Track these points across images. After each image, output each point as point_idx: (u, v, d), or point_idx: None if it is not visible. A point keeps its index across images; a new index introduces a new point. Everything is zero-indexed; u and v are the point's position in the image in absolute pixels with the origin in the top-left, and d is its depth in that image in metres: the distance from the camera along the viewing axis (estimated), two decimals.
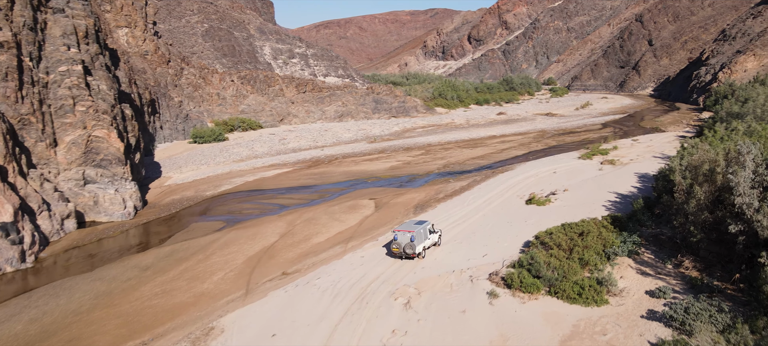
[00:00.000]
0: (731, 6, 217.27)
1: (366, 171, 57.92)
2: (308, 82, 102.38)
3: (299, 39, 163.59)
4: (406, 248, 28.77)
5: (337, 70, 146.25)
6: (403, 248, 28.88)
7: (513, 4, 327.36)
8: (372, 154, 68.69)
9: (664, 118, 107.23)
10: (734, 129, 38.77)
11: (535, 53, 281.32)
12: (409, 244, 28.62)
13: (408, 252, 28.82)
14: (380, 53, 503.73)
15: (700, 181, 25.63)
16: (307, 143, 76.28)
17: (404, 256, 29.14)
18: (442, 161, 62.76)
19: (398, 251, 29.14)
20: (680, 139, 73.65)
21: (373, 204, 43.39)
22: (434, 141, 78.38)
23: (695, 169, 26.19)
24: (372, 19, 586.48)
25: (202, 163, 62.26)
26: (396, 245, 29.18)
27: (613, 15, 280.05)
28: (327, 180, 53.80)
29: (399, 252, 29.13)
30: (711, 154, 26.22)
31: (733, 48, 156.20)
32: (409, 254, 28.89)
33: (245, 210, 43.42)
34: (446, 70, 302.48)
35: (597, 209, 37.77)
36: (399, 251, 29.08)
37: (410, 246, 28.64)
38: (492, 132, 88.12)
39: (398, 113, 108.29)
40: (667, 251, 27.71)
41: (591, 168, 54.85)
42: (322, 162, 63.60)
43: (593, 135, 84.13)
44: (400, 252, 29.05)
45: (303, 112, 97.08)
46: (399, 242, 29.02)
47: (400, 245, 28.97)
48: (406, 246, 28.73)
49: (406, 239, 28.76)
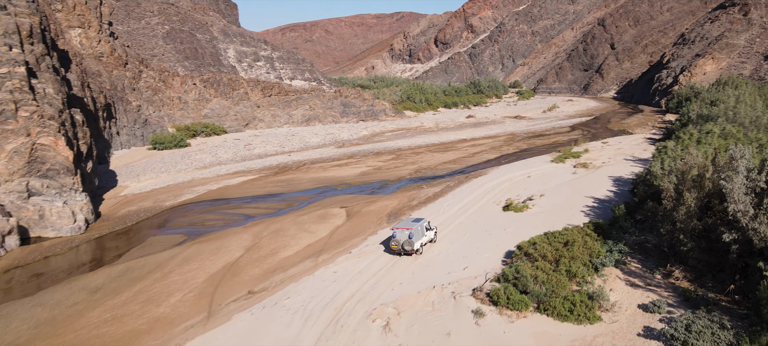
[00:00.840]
0: (688, 11, 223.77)
1: (335, 177, 55.73)
2: (274, 86, 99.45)
3: (264, 42, 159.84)
4: (404, 244, 29.81)
5: (303, 74, 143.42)
6: (402, 245, 29.91)
7: (478, 8, 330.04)
8: (341, 159, 66.52)
9: (629, 121, 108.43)
10: (709, 131, 38.36)
11: (501, 56, 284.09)
12: (408, 241, 29.71)
13: (407, 249, 29.87)
14: (347, 56, 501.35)
15: (688, 186, 24.54)
16: (273, 149, 73.48)
17: (403, 252, 30.17)
18: (413, 166, 61.12)
19: (397, 248, 30.16)
20: (648, 142, 74.17)
21: (344, 213, 41.28)
22: (404, 145, 76.76)
23: (682, 174, 25.09)
24: (338, 22, 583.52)
25: (162, 171, 58.86)
26: (395, 242, 30.16)
27: (576, 19, 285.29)
28: (295, 187, 51.35)
29: (398, 249, 30.15)
30: (699, 158, 25.21)
31: (692, 52, 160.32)
32: (408, 251, 29.93)
33: (208, 221, 40.65)
34: (413, 73, 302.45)
35: (576, 215, 36.71)
36: (398, 247, 30.08)
37: (409, 243, 29.72)
38: (462, 135, 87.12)
39: (367, 117, 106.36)
40: (654, 259, 26.61)
41: (565, 172, 54.12)
42: (290, 168, 61.06)
43: (563, 138, 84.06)
44: (399, 249, 30.09)
45: (269, 116, 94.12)
46: (398, 239, 30.03)
47: (398, 242, 29.98)
48: (405, 243, 29.78)
49: (404, 236, 29.86)
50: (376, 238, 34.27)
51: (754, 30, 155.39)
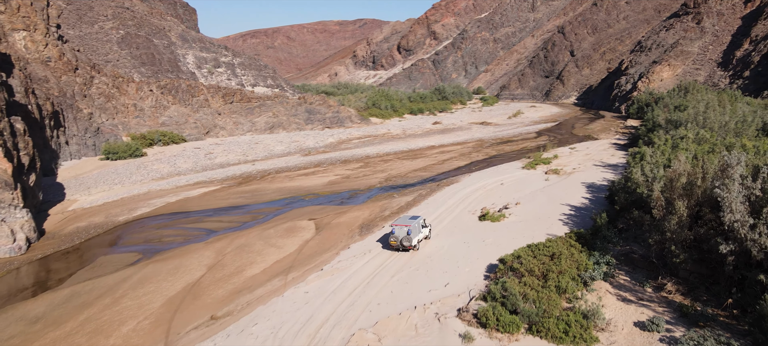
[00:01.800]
0: (643, 19, 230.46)
1: (302, 187, 53.33)
2: (236, 92, 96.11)
3: (225, 47, 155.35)
4: (403, 240, 30.93)
5: (266, 80, 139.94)
6: (400, 241, 31.04)
7: (441, 15, 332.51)
8: (308, 168, 64.11)
9: (593, 126, 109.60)
10: (684, 137, 37.99)
11: (464, 63, 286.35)
12: (406, 237, 30.84)
13: (405, 244, 30.97)
14: (309, 63, 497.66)
15: (678, 195, 23.49)
16: (236, 158, 70.38)
17: (401, 248, 31.35)
18: (382, 174, 59.30)
19: (396, 244, 31.27)
20: (614, 147, 74.57)
21: (313, 226, 39.02)
22: (372, 153, 74.89)
23: (671, 182, 24.04)
24: (300, 29, 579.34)
25: (116, 182, 55.18)
26: (393, 238, 31.31)
27: (536, 26, 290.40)
28: (260, 198, 48.68)
29: (396, 244, 31.27)
30: (687, 165, 24.24)
31: (649, 58, 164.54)
32: (406, 246, 31.07)
33: (166, 237, 37.66)
34: (377, 80, 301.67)
35: (554, 224, 35.57)
36: (396, 243, 31.22)
37: (407, 239, 30.83)
38: (430, 142, 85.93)
39: (332, 124, 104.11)
40: (642, 271, 25.48)
41: (537, 178, 53.29)
42: (254, 178, 58.24)
43: (530, 143, 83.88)
44: (398, 244, 31.20)
45: (231, 123, 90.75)
46: (396, 236, 31.22)
47: (397, 238, 31.15)
48: (404, 239, 30.90)
49: (403, 233, 31.02)
50: (348, 252, 32.18)
51: (707, 38, 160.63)
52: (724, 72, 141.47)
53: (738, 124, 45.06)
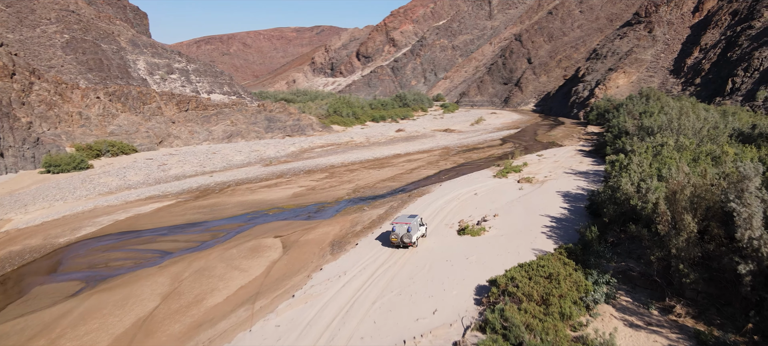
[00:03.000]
0: (596, 28, 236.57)
1: (265, 200, 49.85)
2: (191, 99, 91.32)
3: (179, 53, 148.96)
4: (403, 237, 32.32)
5: (222, 87, 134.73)
6: (401, 238, 32.42)
7: (399, 22, 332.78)
8: (270, 179, 60.56)
9: (554, 133, 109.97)
10: (664, 144, 36.94)
11: (423, 70, 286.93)
12: (407, 234, 32.22)
13: (405, 241, 32.38)
14: (266, 70, 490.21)
15: (683, 208, 21.75)
16: (192, 169, 65.99)
17: (402, 245, 32.74)
18: (350, 185, 56.47)
19: (396, 241, 32.66)
20: (581, 154, 74.19)
21: (279, 244, 35.81)
22: (337, 162, 71.92)
23: (674, 194, 22.31)
24: (256, 36, 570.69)
25: (57, 198, 50.21)
26: (394, 235, 32.66)
27: (493, 34, 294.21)
28: (220, 214, 44.96)
29: (397, 241, 32.66)
30: (690, 176, 22.58)
31: (605, 66, 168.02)
32: (406, 243, 32.45)
33: (114, 262, 33.64)
34: (336, 87, 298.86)
35: (538, 238, 33.65)
36: (397, 240, 32.61)
37: (407, 236, 32.22)
38: (396, 150, 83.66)
39: (293, 132, 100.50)
40: (644, 291, 23.64)
41: (510, 188, 51.65)
42: (213, 191, 54.29)
43: (497, 150, 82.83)
44: (399, 242, 32.61)
45: (186, 132, 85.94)
46: (397, 233, 32.56)
47: (398, 236, 32.51)
48: (404, 236, 32.29)
49: (403, 230, 32.42)
50: (321, 275, 29.18)
51: (659, 46, 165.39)
52: (677, 79, 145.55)
53: (711, 131, 44.61)
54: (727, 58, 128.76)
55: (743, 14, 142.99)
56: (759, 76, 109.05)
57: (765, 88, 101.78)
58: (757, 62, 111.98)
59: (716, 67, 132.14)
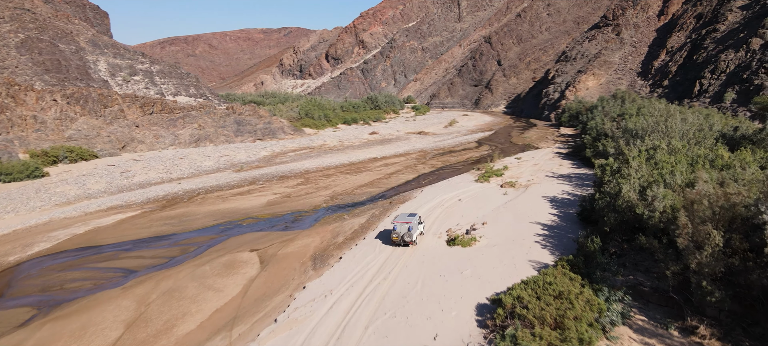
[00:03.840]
0: (564, 31, 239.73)
1: (238, 209, 46.84)
2: (156, 102, 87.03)
3: (142, 54, 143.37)
4: (404, 236, 32.97)
5: (188, 89, 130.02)
6: (402, 237, 33.03)
7: (369, 24, 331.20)
8: (242, 186, 57.44)
9: (528, 135, 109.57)
10: (657, 147, 35.80)
11: (393, 72, 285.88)
12: (408, 233, 32.91)
13: (406, 240, 33.03)
14: (233, 72, 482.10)
15: (704, 219, 20.14)
16: (158, 176, 62.16)
17: (402, 243, 33.33)
18: (327, 192, 53.90)
19: (397, 239, 33.24)
20: (559, 156, 73.36)
21: (256, 258, 33.06)
22: (311, 167, 69.18)
23: (692, 204, 20.69)
24: (223, 37, 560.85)
25: (8, 210, 46.01)
26: (395, 234, 33.24)
27: (463, 36, 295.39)
28: (189, 225, 41.77)
29: (398, 240, 33.24)
30: (709, 186, 21.04)
31: (574, 68, 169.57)
32: (407, 242, 33.11)
33: (71, 283, 30.29)
34: (305, 89, 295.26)
35: (533, 248, 31.87)
36: (398, 239, 33.20)
37: (408, 235, 32.92)
38: (371, 154, 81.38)
39: (264, 136, 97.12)
40: (658, 309, 21.96)
41: (494, 193, 50.00)
42: (181, 200, 50.87)
43: (474, 153, 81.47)
44: (399, 240, 33.22)
45: (151, 136, 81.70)
46: (398, 232, 33.20)
47: (399, 234, 33.12)
48: (405, 235, 32.95)
49: (404, 229, 33.18)
50: (305, 295, 26.62)
51: (626, 49, 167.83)
52: (644, 81, 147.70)
53: (696, 134, 43.86)
54: (694, 61, 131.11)
55: (707, 18, 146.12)
56: (726, 78, 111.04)
57: (732, 90, 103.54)
58: (724, 65, 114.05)
59: (683, 69, 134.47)
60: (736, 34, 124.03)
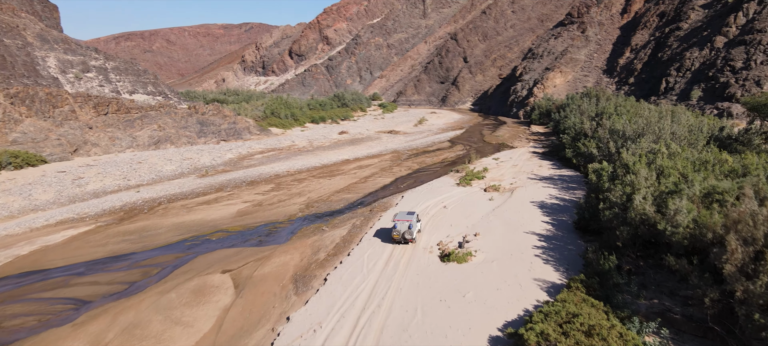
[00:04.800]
0: (528, 28, 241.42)
1: (206, 221, 42.77)
2: (111, 102, 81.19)
3: (95, 50, 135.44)
4: (405, 234, 33.67)
5: (146, 87, 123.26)
6: (402, 235, 33.70)
7: (333, 20, 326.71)
8: (208, 193, 53.18)
9: (500, 133, 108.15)
10: (657, 151, 33.88)
11: (358, 69, 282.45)
12: (408, 231, 33.63)
13: (407, 238, 33.81)
14: (193, 68, 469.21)
15: (744, 239, 17.83)
16: (115, 183, 57.06)
17: (403, 241, 34.09)
18: (301, 199, 50.32)
19: (398, 237, 33.84)
20: (537, 156, 71.71)
21: (229, 282, 29.38)
22: (282, 170, 65.28)
23: (735, 224, 18.38)
24: (181, 32, 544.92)
25: None
26: (396, 232, 33.79)
27: (428, 33, 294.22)
28: (151, 242, 37.54)
29: (399, 238, 33.87)
30: (752, 203, 18.80)
31: (541, 65, 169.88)
32: (408, 239, 33.92)
33: (10, 319, 25.75)
34: (268, 86, 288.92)
35: (535, 264, 29.36)
36: (399, 237, 33.80)
37: (409, 233, 33.64)
38: (343, 155, 77.95)
39: (229, 136, 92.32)
40: (695, 340, 19.59)
41: (479, 198, 47.54)
42: (141, 211, 46.28)
43: (449, 154, 79.09)
44: (400, 238, 33.87)
45: (106, 139, 75.99)
46: (398, 230, 33.79)
47: (399, 232, 33.72)
48: (406, 233, 33.65)
49: (405, 227, 33.97)
50: (291, 330, 23.18)
51: (592, 46, 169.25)
52: (610, 79, 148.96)
53: (689, 135, 42.39)
54: (659, 59, 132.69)
55: (670, 16, 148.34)
56: (691, 76, 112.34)
57: (698, 88, 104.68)
58: (689, 62, 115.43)
59: (648, 67, 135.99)
60: (700, 33, 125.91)
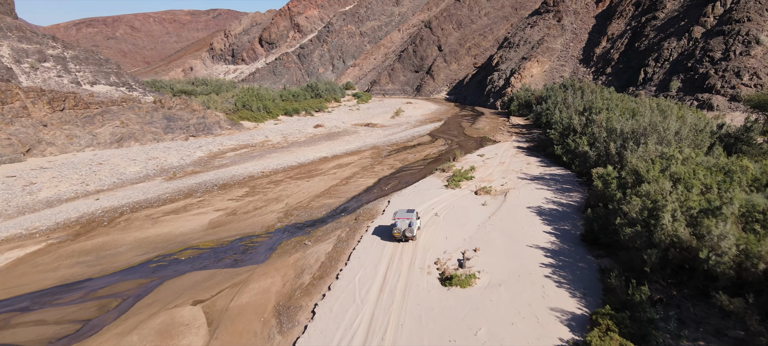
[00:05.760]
0: (502, 16, 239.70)
1: (173, 236, 38.43)
2: (68, 96, 75.11)
3: (53, 38, 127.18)
4: (406, 232, 33.65)
5: (108, 77, 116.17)
6: (403, 232, 33.70)
7: (304, 7, 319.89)
8: (176, 199, 48.63)
9: (480, 126, 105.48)
10: (671, 156, 31.17)
11: (331, 57, 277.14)
12: (409, 229, 33.64)
13: (408, 235, 33.74)
14: (159, 56, 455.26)
15: None
16: (72, 189, 51.80)
17: (403, 239, 34.08)
18: (278, 205, 46.32)
19: (399, 235, 33.83)
20: (523, 152, 69.04)
21: (202, 317, 25.42)
22: (256, 171, 60.97)
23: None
24: (146, 18, 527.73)
25: None
26: (396, 230, 33.77)
27: (402, 21, 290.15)
28: (110, 263, 33.10)
29: (399, 236, 33.85)
30: None
31: (518, 55, 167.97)
32: (408, 237, 33.86)
33: None
34: (238, 75, 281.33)
35: (547, 288, 26.34)
36: (399, 235, 33.78)
37: (409, 230, 33.61)
38: (320, 152, 73.90)
39: (198, 132, 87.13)
40: None
41: (471, 203, 44.42)
42: (100, 223, 41.53)
43: (431, 150, 75.87)
44: (401, 236, 33.84)
45: (63, 137, 70.16)
46: (399, 228, 33.77)
47: (400, 230, 33.73)
48: (406, 231, 33.66)
49: (405, 225, 33.89)
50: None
51: (568, 35, 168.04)
52: (587, 68, 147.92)
53: (696, 136, 39.94)
54: (636, 49, 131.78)
55: (646, 5, 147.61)
56: (669, 66, 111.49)
57: (677, 79, 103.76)
58: (667, 53, 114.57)
59: (625, 56, 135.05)
60: (677, 23, 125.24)
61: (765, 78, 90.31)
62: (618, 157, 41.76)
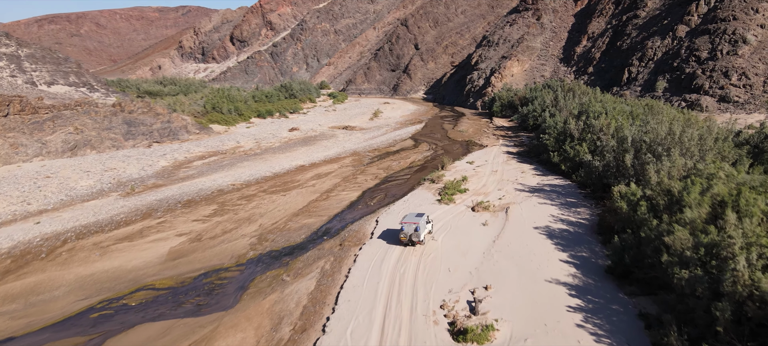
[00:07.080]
0: (479, 14, 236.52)
1: (124, 271, 32.33)
2: (13, 100, 67.52)
3: (6, 35, 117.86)
4: (412, 236, 33.04)
5: (67, 77, 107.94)
6: (409, 237, 33.06)
7: (277, 4, 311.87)
8: (132, 221, 42.37)
9: (463, 128, 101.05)
10: (713, 176, 26.76)
11: (305, 56, 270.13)
12: (415, 233, 32.99)
13: (414, 240, 33.07)
14: (126, 54, 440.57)
15: None
16: (9, 209, 44.79)
17: (410, 243, 33.36)
18: (251, 227, 40.54)
19: (405, 239, 33.23)
20: (515, 158, 64.58)
21: None
22: (226, 183, 54.92)
23: None
24: (111, 15, 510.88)
25: None
26: (403, 234, 33.23)
27: (377, 19, 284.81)
28: (41, 314, 26.86)
29: (406, 240, 33.26)
30: None
31: (498, 53, 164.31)
32: (415, 242, 33.15)
33: None
34: (208, 74, 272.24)
35: (584, 343, 21.40)
36: (406, 239, 33.20)
37: (416, 235, 32.98)
38: (296, 159, 68.09)
39: (162, 137, 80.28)
40: None
41: (470, 222, 39.45)
42: (36, 256, 35.08)
43: (416, 156, 70.83)
44: (407, 240, 33.24)
45: (6, 147, 62.78)
46: (406, 232, 33.19)
47: (406, 234, 33.13)
48: (413, 235, 33.01)
49: (411, 229, 33.15)
50: None
51: (547, 34, 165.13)
52: (568, 67, 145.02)
53: (721, 145, 35.72)
54: (618, 47, 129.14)
55: (626, 3, 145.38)
56: (654, 66, 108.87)
57: (663, 79, 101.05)
58: (651, 52, 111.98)
59: (607, 56, 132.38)
60: (660, 21, 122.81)
61: (754, 78, 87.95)
62: (633, 171, 37.26)
